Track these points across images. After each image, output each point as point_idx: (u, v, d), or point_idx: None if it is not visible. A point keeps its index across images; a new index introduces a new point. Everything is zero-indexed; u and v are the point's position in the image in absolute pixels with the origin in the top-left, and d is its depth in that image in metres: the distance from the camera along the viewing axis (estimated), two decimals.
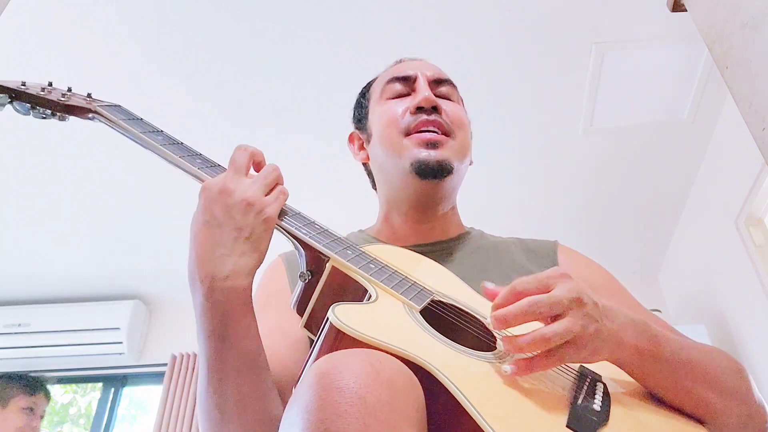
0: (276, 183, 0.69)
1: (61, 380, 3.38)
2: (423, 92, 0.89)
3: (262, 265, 0.67)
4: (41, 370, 3.31)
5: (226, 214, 0.64)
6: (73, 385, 3.51)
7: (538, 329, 0.57)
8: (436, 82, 0.94)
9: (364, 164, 1.02)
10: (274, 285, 0.88)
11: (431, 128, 0.87)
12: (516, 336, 0.57)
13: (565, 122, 2.45)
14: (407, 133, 0.87)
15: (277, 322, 0.80)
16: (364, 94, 1.02)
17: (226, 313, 0.62)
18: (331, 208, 2.62)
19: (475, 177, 1.01)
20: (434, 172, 0.85)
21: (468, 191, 0.99)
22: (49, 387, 2.38)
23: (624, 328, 0.62)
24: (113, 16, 2.01)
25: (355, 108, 1.03)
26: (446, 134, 0.88)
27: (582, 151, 2.60)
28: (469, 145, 0.94)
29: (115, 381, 3.33)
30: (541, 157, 2.63)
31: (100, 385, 3.36)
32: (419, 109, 0.88)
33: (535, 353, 0.57)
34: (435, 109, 0.88)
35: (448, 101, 0.94)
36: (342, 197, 2.59)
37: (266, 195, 0.67)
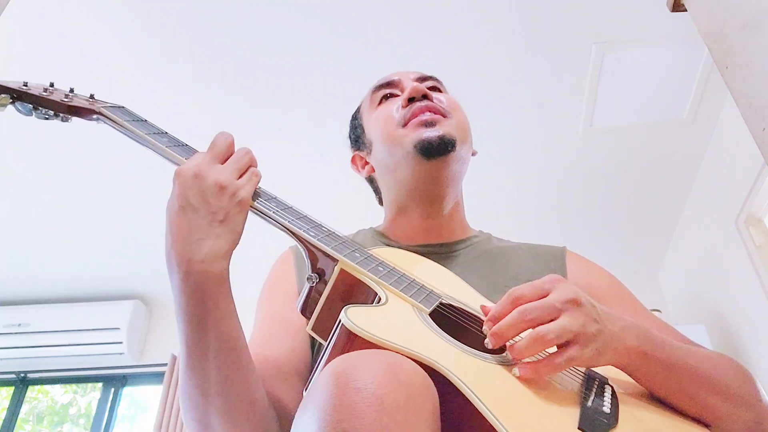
0: (249, 166, 0.70)
1: (61, 380, 3.38)
2: (410, 86, 0.92)
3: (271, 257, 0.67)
4: (41, 370, 3.32)
5: (201, 199, 0.64)
6: (73, 385, 3.50)
7: (534, 329, 0.57)
8: (422, 79, 0.97)
9: (370, 179, 1.02)
10: (281, 274, 0.89)
11: (426, 112, 0.89)
12: (516, 342, 0.58)
13: (565, 122, 2.45)
14: (404, 124, 0.89)
15: (279, 309, 0.82)
16: (356, 116, 1.04)
17: (204, 296, 0.63)
18: (328, 189, 2.63)
19: (475, 176, 1.01)
20: (438, 148, 0.85)
21: (467, 191, 0.99)
22: None
23: (626, 332, 0.62)
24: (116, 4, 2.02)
25: (351, 131, 1.04)
26: (443, 115, 0.89)
27: (582, 151, 2.60)
28: (468, 126, 0.94)
29: (115, 381, 3.33)
30: (541, 157, 2.62)
31: (100, 385, 3.36)
32: (410, 101, 0.90)
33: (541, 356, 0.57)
34: (425, 98, 0.90)
35: (438, 92, 0.96)
36: (337, 178, 2.58)
37: (239, 178, 0.67)
